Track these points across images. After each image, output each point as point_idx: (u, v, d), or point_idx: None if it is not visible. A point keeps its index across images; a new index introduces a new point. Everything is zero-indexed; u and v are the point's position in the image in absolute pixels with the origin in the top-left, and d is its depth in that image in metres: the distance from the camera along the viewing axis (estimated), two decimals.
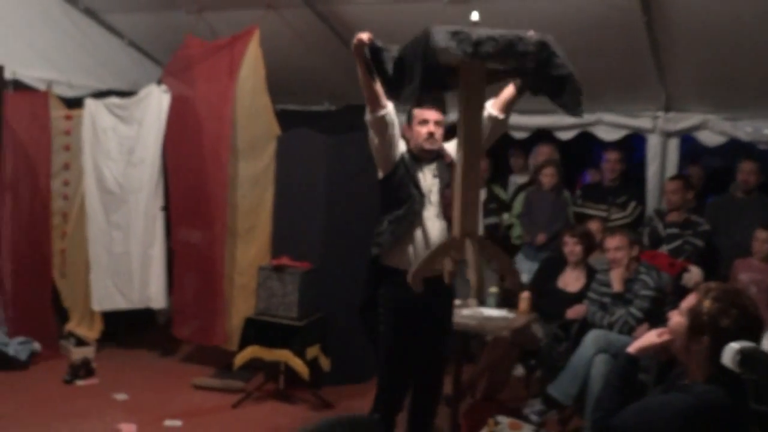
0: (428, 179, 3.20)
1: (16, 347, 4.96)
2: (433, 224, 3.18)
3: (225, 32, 5.11)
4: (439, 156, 3.24)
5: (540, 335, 4.51)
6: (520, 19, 4.44)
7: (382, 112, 3.02)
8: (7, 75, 4.81)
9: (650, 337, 2.25)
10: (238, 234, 5.14)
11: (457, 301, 4.67)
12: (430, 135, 3.17)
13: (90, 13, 5.65)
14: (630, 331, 4.10)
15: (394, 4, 4.56)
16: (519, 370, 5.01)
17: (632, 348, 2.27)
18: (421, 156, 3.22)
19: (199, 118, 5.10)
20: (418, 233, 3.16)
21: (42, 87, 5.28)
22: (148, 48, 6.10)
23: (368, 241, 3.25)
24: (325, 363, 4.69)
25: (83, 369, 4.84)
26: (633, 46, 4.56)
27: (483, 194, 5.73)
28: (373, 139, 3.14)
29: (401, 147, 3.23)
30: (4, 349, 4.89)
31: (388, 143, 3.13)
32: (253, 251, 5.12)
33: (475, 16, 2.31)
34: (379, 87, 2.87)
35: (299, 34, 5.22)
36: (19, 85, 5.16)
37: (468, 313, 4.26)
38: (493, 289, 4.73)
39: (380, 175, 3.25)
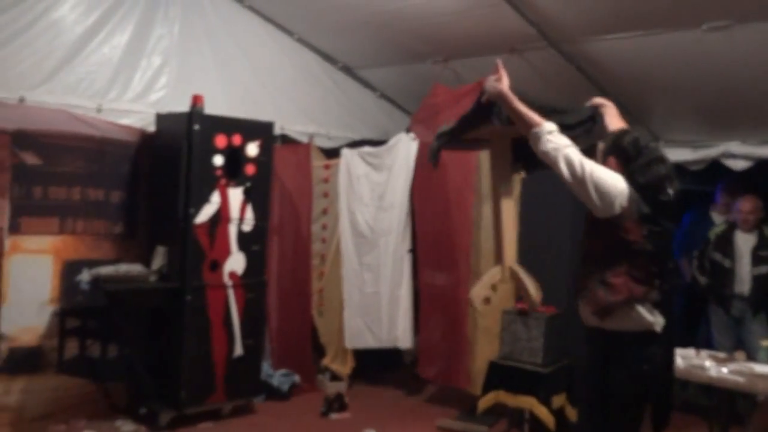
0: None
1: (280, 378, 5.39)
2: None
3: (470, 78, 5.21)
4: None
5: None
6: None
7: None
8: (276, 130, 5.33)
9: None
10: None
11: (721, 355, 4.24)
12: None
13: (346, 69, 6.14)
14: None
15: (644, 36, 4.33)
16: None
17: None
18: None
19: (444, 162, 5.22)
20: None
21: (305, 139, 5.80)
22: (398, 98, 6.46)
23: None
24: (571, 414, 4.48)
25: (337, 403, 5.12)
26: None
27: (754, 238, 5.15)
28: None
29: None
30: (269, 380, 5.34)
31: None
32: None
33: None
34: None
35: (544, 75, 5.16)
36: (285, 139, 5.74)
37: (734, 368, 3.83)
38: (766, 343, 4.23)
39: None
